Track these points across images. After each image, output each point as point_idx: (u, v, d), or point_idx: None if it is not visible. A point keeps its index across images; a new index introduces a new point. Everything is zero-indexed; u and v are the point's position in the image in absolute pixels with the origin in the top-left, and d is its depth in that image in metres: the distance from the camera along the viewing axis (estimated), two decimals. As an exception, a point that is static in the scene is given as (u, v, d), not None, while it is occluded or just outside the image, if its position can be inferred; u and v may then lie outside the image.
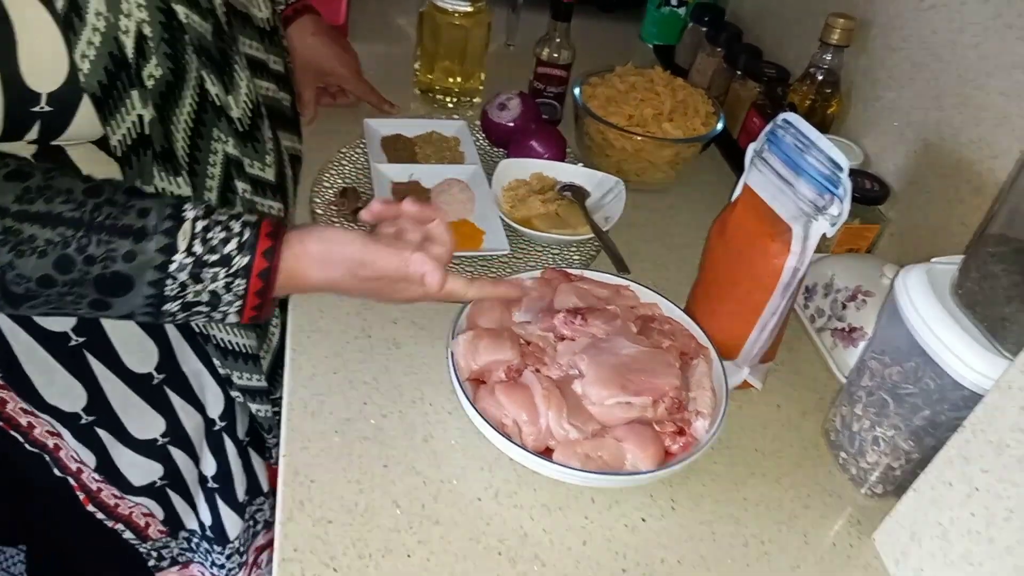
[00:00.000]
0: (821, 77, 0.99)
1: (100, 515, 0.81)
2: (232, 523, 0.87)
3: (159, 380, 0.75)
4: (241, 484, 0.85)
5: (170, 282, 0.54)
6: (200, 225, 0.55)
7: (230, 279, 0.56)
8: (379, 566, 0.57)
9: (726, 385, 0.69)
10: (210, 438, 0.82)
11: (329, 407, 0.68)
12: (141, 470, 0.80)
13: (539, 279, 0.77)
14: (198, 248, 0.54)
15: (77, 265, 0.52)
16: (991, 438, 0.54)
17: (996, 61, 0.81)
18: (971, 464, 0.56)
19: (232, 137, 0.67)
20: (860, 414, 0.69)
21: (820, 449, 0.74)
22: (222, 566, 0.91)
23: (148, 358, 0.73)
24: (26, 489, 0.81)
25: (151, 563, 0.90)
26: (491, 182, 0.93)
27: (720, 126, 1.01)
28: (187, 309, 0.57)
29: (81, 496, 0.79)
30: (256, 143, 0.71)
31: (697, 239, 0.93)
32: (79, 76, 0.53)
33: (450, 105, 1.14)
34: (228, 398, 0.80)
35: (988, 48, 0.82)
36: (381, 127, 1.02)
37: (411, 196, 0.64)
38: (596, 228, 0.89)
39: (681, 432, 0.65)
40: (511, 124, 1.01)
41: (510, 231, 0.89)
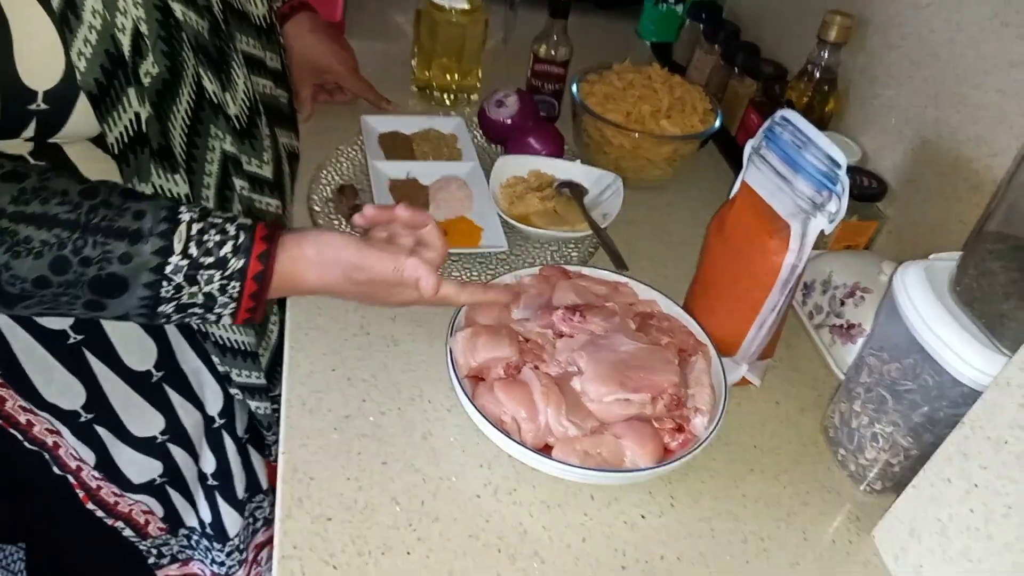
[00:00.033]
0: (819, 74, 0.99)
1: (100, 513, 0.81)
2: (232, 520, 0.87)
3: (158, 378, 0.75)
4: (240, 481, 0.85)
5: (165, 284, 0.54)
6: (196, 228, 0.55)
7: (225, 281, 0.56)
8: (378, 563, 0.57)
9: (725, 382, 0.69)
10: (209, 435, 0.82)
11: (328, 404, 0.68)
12: (140, 468, 0.80)
13: (537, 276, 0.77)
14: (193, 250, 0.55)
15: (73, 266, 0.52)
16: (990, 434, 0.55)
17: (994, 59, 0.81)
18: (970, 460, 0.56)
19: (229, 134, 0.67)
20: (859, 411, 0.69)
21: (819, 446, 0.74)
22: (222, 563, 0.91)
23: (147, 356, 0.73)
24: (26, 487, 0.81)
25: (151, 561, 0.90)
26: (489, 179, 0.93)
27: (718, 123, 1.01)
28: (182, 310, 0.57)
29: (81, 494, 0.79)
30: (253, 140, 0.71)
31: (695, 236, 0.93)
32: (76, 74, 0.53)
33: (447, 102, 1.14)
34: (227, 395, 0.80)
35: (986, 46, 0.82)
36: (379, 124, 1.02)
37: (408, 196, 0.64)
38: (594, 225, 0.89)
39: (680, 429, 0.65)
40: (509, 121, 1.00)
41: (508, 228, 0.89)
